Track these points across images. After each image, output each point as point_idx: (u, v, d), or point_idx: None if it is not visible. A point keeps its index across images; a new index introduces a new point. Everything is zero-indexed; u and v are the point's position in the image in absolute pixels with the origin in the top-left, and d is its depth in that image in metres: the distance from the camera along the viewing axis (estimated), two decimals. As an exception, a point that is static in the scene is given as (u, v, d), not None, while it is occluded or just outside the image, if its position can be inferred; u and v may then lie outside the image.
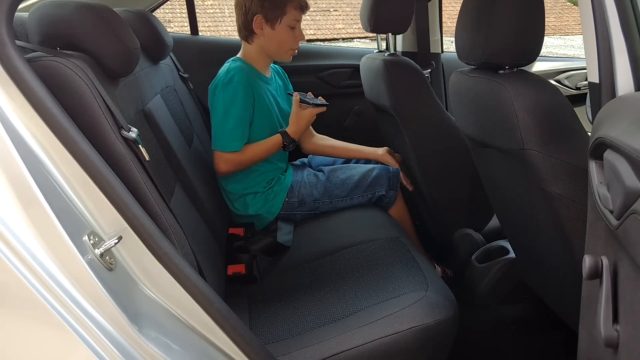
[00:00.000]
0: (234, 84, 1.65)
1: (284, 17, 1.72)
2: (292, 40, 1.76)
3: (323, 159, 2.04)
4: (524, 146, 1.06)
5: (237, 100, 1.65)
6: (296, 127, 1.72)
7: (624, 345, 0.73)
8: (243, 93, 1.66)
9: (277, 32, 1.73)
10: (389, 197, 1.81)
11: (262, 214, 1.77)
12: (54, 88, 0.91)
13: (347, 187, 1.80)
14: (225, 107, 1.65)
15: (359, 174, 1.81)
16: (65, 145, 0.87)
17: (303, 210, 1.80)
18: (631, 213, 0.68)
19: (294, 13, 1.73)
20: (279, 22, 1.72)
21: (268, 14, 1.70)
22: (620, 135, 0.74)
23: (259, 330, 1.27)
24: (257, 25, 1.72)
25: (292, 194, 1.78)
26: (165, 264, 0.94)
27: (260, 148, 1.71)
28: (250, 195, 1.76)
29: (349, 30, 10.51)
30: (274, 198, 1.78)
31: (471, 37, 1.17)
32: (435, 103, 1.75)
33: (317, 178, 1.82)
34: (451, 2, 7.27)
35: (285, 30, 1.73)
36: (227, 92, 1.65)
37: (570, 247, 1.09)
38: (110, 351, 0.80)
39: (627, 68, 0.87)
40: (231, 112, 1.64)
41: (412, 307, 1.20)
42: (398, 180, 1.83)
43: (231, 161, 1.67)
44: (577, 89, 2.47)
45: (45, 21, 1.07)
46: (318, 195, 1.79)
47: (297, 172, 1.87)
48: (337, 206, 1.81)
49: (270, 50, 1.78)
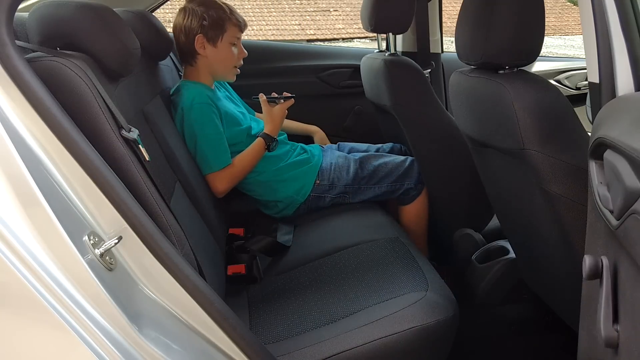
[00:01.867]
0: (197, 106, 1.65)
1: (225, 34, 1.74)
2: (234, 58, 1.78)
3: (355, 146, 2.05)
4: (524, 146, 1.06)
5: (206, 120, 1.65)
6: (272, 126, 1.75)
7: (624, 345, 0.73)
8: (209, 110, 1.67)
9: (220, 50, 1.75)
10: (417, 190, 1.83)
11: (293, 195, 1.79)
12: (54, 88, 0.91)
13: (379, 175, 1.82)
14: (199, 130, 1.64)
15: (392, 163, 1.83)
16: (65, 145, 0.86)
17: (333, 194, 1.82)
18: (631, 213, 0.68)
19: (234, 30, 1.75)
20: (220, 39, 1.74)
21: (209, 32, 1.72)
22: (621, 135, 0.74)
23: (259, 330, 1.27)
24: (199, 45, 1.73)
25: (323, 177, 1.81)
26: (165, 264, 0.94)
27: (247, 156, 1.72)
28: (274, 181, 1.79)
29: (349, 30, 10.51)
30: (304, 177, 1.80)
31: (471, 37, 1.17)
32: (435, 103, 1.75)
33: (349, 160, 1.84)
34: (451, 2, 7.26)
35: (227, 47, 1.76)
36: (194, 116, 1.64)
37: (570, 247, 1.09)
38: (110, 351, 0.80)
39: (627, 68, 0.87)
40: (207, 133, 1.65)
41: (412, 307, 1.20)
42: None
43: (226, 177, 1.68)
44: (577, 89, 2.47)
45: (45, 21, 1.07)
46: (349, 180, 1.81)
47: (327, 154, 1.90)
48: (365, 194, 1.82)
49: (215, 69, 1.79)
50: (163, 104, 1.58)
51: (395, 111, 1.75)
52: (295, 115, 2.11)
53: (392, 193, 1.84)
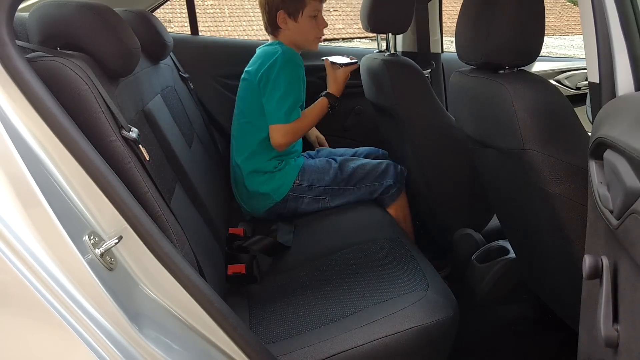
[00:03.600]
0: (295, 64, 1.76)
1: (305, 8, 1.81)
2: (316, 29, 1.86)
3: (332, 150, 2.10)
4: (524, 146, 1.06)
5: (297, 79, 1.76)
6: (336, 87, 1.85)
7: (624, 345, 0.73)
8: (302, 73, 1.79)
9: (301, 24, 1.82)
10: (395, 189, 1.85)
11: (271, 193, 1.81)
12: (54, 88, 0.91)
13: (358, 175, 1.84)
14: (288, 83, 1.73)
15: (370, 165, 1.87)
16: (65, 145, 0.86)
17: (312, 195, 1.83)
18: (631, 213, 0.68)
19: (314, 4, 1.82)
20: (301, 14, 1.81)
21: (289, 8, 1.80)
22: (621, 135, 0.74)
23: (259, 330, 1.27)
24: (281, 20, 1.81)
25: (303, 177, 1.83)
26: (165, 263, 0.94)
27: (313, 112, 1.83)
28: (260, 173, 1.81)
29: (349, 30, 10.50)
30: (283, 177, 1.81)
31: (471, 37, 1.17)
32: (435, 103, 1.75)
33: (330, 164, 1.87)
34: (451, 2, 7.26)
35: (308, 21, 1.83)
36: (289, 70, 1.74)
37: (570, 247, 1.09)
38: (110, 351, 0.80)
39: (627, 68, 0.87)
40: (294, 88, 1.75)
41: (412, 307, 1.20)
42: (404, 177, 1.89)
43: (291, 131, 1.76)
44: (577, 89, 2.47)
45: (46, 21, 1.07)
46: (328, 181, 1.83)
47: (309, 158, 1.94)
48: (345, 196, 1.84)
49: (297, 41, 1.87)
50: (164, 104, 1.58)
51: (395, 111, 1.75)
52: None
53: (371, 194, 1.86)
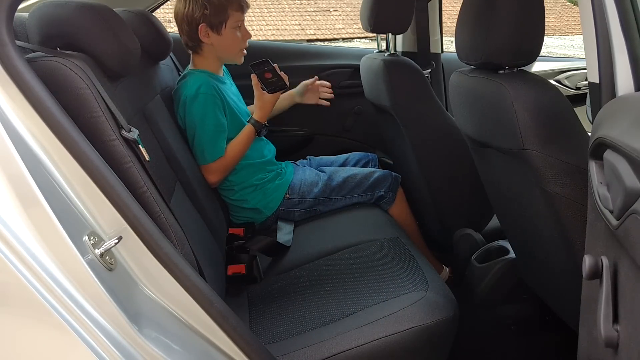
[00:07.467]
0: (202, 95, 1.64)
1: (228, 20, 1.71)
2: (240, 41, 1.77)
3: (323, 159, 2.06)
4: (524, 146, 1.06)
5: (209, 111, 1.65)
6: (262, 113, 1.73)
7: (624, 345, 0.73)
8: (212, 101, 1.66)
9: (224, 37, 1.73)
10: (388, 197, 1.83)
11: (260, 208, 1.78)
12: (54, 88, 0.91)
13: (348, 186, 1.82)
14: (200, 119, 1.64)
15: (361, 174, 1.84)
16: (65, 145, 0.86)
17: (303, 208, 1.80)
18: (631, 213, 0.68)
19: (236, 15, 1.73)
20: (224, 26, 1.72)
21: (212, 20, 1.70)
22: (620, 135, 0.74)
23: (259, 330, 1.27)
24: (203, 34, 1.71)
25: (293, 191, 1.80)
26: (165, 264, 0.94)
27: (237, 144, 1.71)
28: (248, 188, 1.77)
29: (349, 30, 10.51)
30: (273, 192, 1.79)
31: (471, 37, 1.17)
32: (435, 103, 1.75)
33: (319, 177, 1.84)
34: (451, 2, 7.26)
35: (232, 33, 1.73)
36: (197, 106, 1.64)
37: (570, 247, 1.09)
38: (110, 351, 0.80)
39: (627, 68, 0.87)
40: (207, 123, 1.64)
41: (412, 307, 1.20)
42: (398, 184, 1.86)
43: (219, 168, 1.68)
44: (577, 89, 2.46)
45: (45, 21, 1.07)
46: (318, 193, 1.80)
47: (299, 171, 1.88)
48: (336, 204, 1.82)
49: (222, 55, 1.78)
50: (163, 104, 1.58)
51: (394, 111, 1.75)
52: (295, 115, 2.11)
53: (366, 202, 1.83)
